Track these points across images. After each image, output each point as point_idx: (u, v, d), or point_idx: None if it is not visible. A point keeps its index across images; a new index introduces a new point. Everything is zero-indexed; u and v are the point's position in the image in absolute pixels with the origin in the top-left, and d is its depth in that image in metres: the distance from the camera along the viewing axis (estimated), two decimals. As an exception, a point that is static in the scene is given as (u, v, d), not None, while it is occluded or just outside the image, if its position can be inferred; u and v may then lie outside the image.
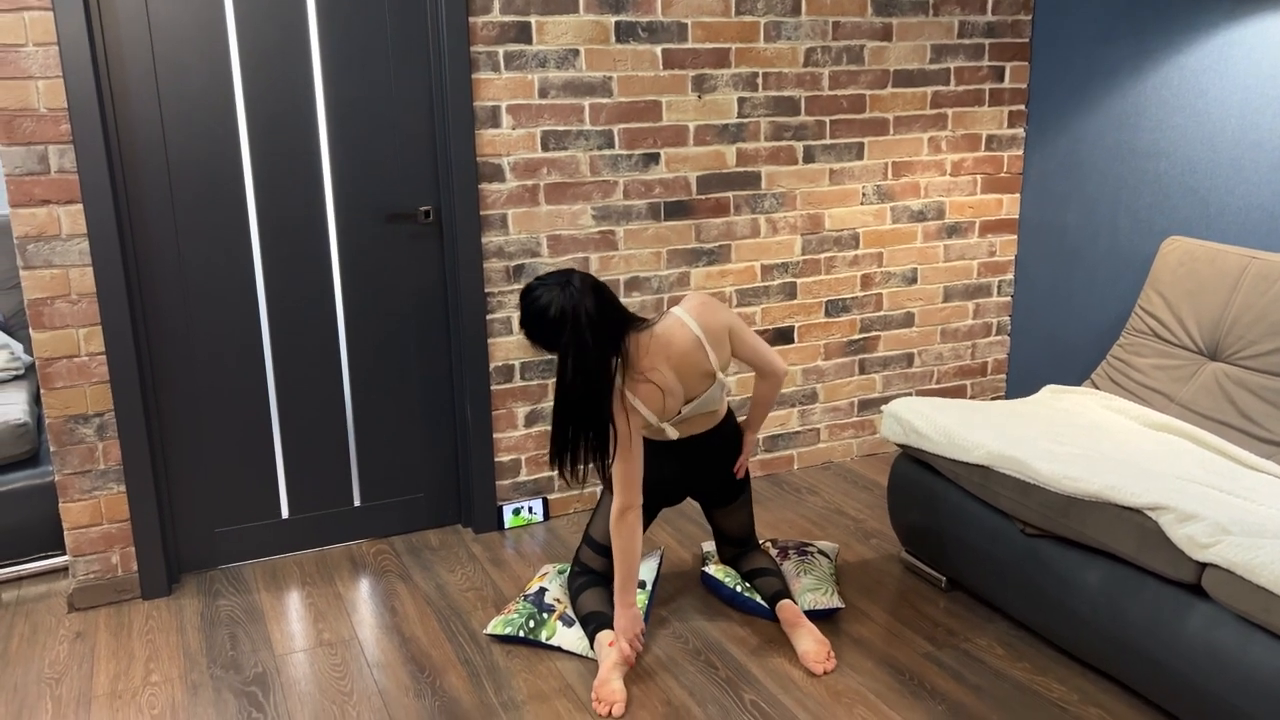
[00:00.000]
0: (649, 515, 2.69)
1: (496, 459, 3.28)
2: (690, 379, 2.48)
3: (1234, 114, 3.08)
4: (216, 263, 2.90)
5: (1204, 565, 2.08)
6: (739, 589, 2.74)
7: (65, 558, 3.06)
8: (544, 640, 2.59)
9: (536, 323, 2.35)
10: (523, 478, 3.34)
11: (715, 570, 2.82)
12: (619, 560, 2.45)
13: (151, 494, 2.86)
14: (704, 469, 2.64)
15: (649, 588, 2.72)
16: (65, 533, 2.81)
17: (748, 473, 2.74)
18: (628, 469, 2.39)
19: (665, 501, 2.69)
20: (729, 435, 2.65)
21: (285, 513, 3.13)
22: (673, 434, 2.53)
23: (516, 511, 3.33)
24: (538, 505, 3.37)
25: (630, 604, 2.47)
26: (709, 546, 3.02)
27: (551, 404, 3.36)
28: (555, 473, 2.42)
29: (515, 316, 3.19)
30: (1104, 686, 2.42)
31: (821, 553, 2.92)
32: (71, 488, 2.79)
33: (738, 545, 2.81)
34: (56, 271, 2.67)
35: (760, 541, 2.95)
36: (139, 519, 2.86)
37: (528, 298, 2.37)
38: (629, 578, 2.45)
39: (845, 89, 3.48)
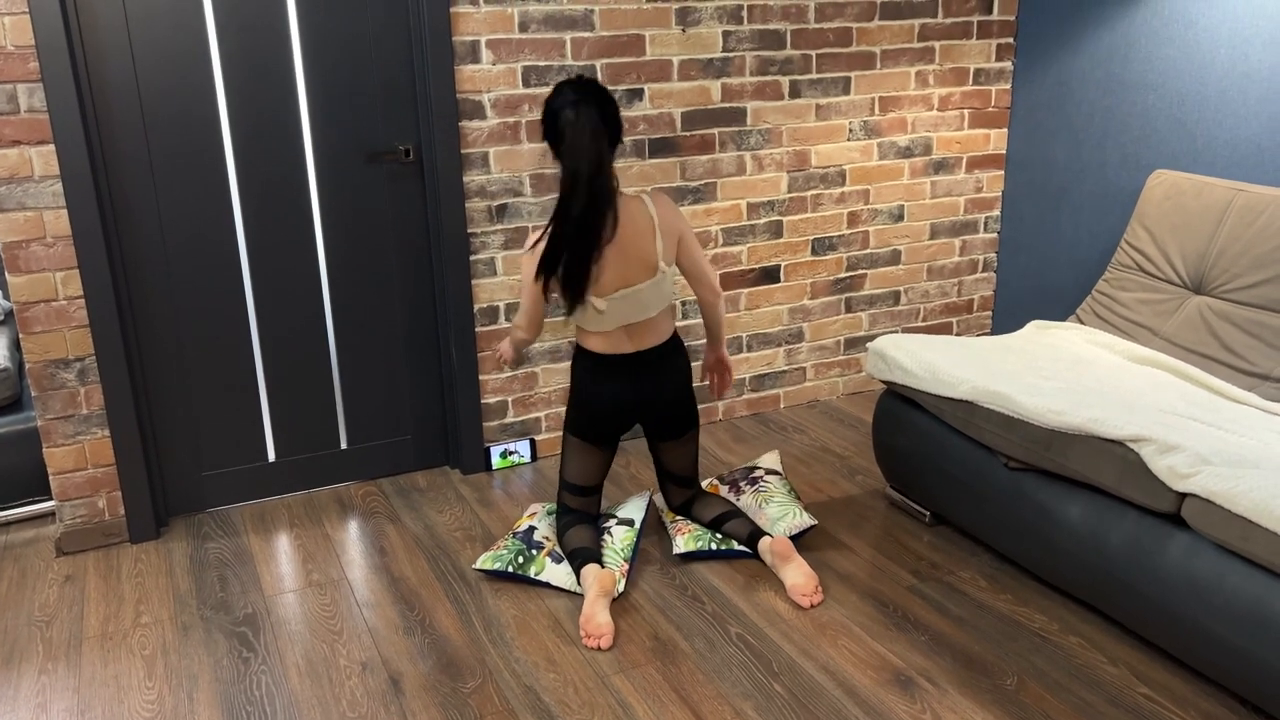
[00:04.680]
0: (609, 449, 2.69)
1: (483, 401, 3.28)
2: (633, 259, 2.47)
3: (1224, 45, 3.05)
4: (194, 204, 2.86)
5: (1184, 495, 2.11)
6: (715, 546, 2.71)
7: (51, 503, 3.06)
8: (532, 575, 2.61)
9: (546, 128, 2.47)
10: (510, 419, 3.34)
11: (685, 541, 2.71)
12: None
13: (136, 438, 2.85)
14: (653, 388, 2.60)
15: (637, 526, 2.74)
16: (50, 477, 2.81)
17: (697, 409, 2.70)
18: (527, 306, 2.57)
19: (619, 427, 2.66)
20: (676, 357, 2.63)
21: (272, 455, 3.13)
22: (600, 305, 2.49)
23: (504, 453, 3.34)
24: (525, 446, 3.37)
25: None
26: (659, 499, 2.96)
27: (545, 345, 3.34)
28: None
29: (499, 257, 3.16)
30: (1084, 616, 2.46)
31: (770, 471, 2.91)
32: (55, 433, 2.78)
33: (682, 485, 2.79)
34: (30, 214, 2.62)
35: (704, 483, 2.94)
36: (124, 463, 2.85)
37: (549, 105, 2.46)
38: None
39: (831, 21, 3.43)
